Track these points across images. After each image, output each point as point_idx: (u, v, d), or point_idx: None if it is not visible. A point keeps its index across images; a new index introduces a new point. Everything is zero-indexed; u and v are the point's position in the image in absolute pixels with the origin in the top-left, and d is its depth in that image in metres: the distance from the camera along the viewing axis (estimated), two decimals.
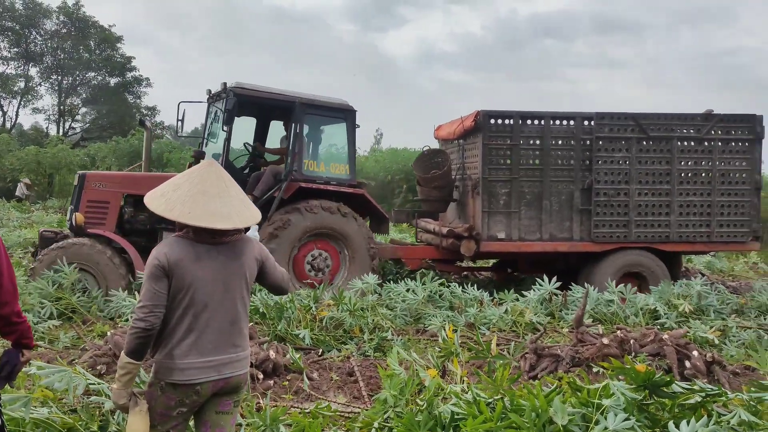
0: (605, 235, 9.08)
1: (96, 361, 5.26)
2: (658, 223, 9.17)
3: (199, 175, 2.84)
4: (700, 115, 9.28)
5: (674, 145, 9.16)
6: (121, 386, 2.73)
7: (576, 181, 9.07)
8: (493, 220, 8.99)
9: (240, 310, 2.86)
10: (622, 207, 9.10)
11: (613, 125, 9.10)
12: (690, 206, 9.22)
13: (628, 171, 9.11)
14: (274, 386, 5.11)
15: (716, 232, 9.25)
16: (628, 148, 9.11)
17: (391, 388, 4.00)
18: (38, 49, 36.99)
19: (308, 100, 8.92)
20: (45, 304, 7.00)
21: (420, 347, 6.48)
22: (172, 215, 2.72)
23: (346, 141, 9.23)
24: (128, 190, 8.51)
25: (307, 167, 8.87)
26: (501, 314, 7.30)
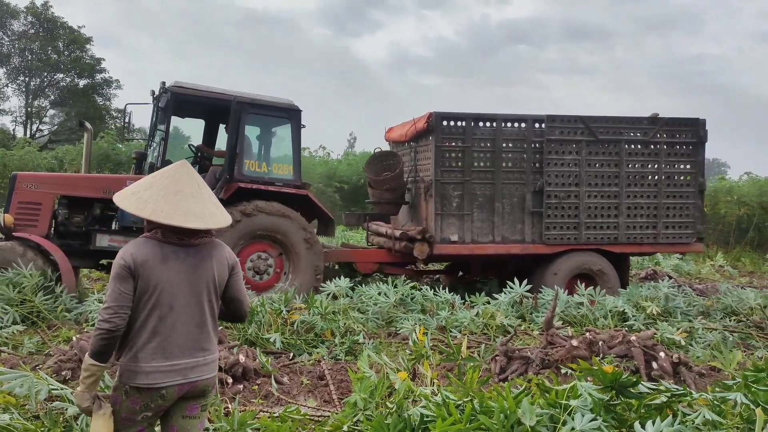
0: (556, 237, 9.16)
1: (61, 367, 5.15)
2: (607, 225, 9.30)
3: (171, 175, 2.80)
4: (647, 119, 9.45)
5: (622, 148, 9.30)
6: (85, 389, 2.67)
7: (527, 183, 9.12)
8: (446, 222, 8.96)
9: (207, 314, 2.82)
10: (573, 209, 9.20)
11: (564, 128, 9.18)
12: (637, 208, 9.37)
13: (578, 173, 9.20)
14: (244, 391, 5.06)
15: (662, 234, 9.43)
16: (578, 150, 9.20)
17: (362, 391, 3.98)
18: (5, 50, 36.30)
19: (248, 99, 8.71)
20: (8, 310, 6.84)
21: (391, 350, 6.47)
22: (144, 213, 2.68)
23: (290, 141, 9.04)
24: (62, 192, 8.32)
25: (248, 167, 8.66)
26: (472, 317, 7.33)
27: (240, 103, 8.56)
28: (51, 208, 8.20)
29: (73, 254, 8.07)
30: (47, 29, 36.22)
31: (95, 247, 8.23)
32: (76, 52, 37.11)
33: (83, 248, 8.28)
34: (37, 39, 35.97)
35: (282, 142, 9.39)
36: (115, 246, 8.22)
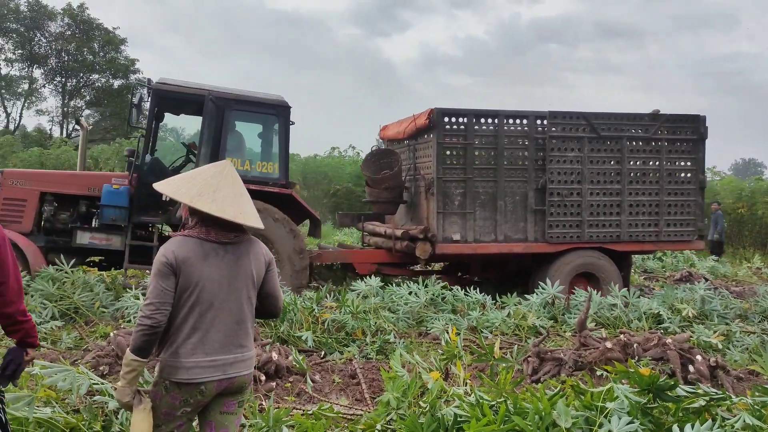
0: (559, 235, 9.05)
1: (99, 362, 5.26)
2: (609, 222, 9.20)
3: (213, 174, 2.85)
4: (648, 115, 9.35)
5: (624, 145, 9.21)
6: (126, 384, 2.72)
7: (530, 180, 9.01)
8: (448, 221, 8.81)
9: (246, 311, 2.85)
10: (575, 207, 9.09)
11: (566, 124, 9.08)
12: (639, 206, 9.28)
13: (581, 171, 9.10)
14: (277, 388, 5.11)
15: (664, 232, 9.33)
16: (580, 147, 9.10)
17: (394, 390, 3.99)
18: (43, 51, 37.06)
19: (232, 95, 8.49)
20: (47, 305, 7.00)
21: (422, 350, 6.47)
22: (195, 203, 2.71)
23: (277, 138, 8.75)
24: (47, 189, 8.36)
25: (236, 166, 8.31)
26: (503, 318, 7.30)
27: (220, 99, 8.36)
28: (36, 205, 8.24)
29: (58, 251, 8.09)
30: (83, 31, 36.88)
31: (76, 244, 8.22)
32: (111, 53, 37.72)
33: (67, 245, 8.27)
34: (73, 40, 36.65)
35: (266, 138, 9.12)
36: (95, 243, 8.19)
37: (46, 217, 8.38)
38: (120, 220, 8.13)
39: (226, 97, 8.44)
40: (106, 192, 8.14)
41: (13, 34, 35.85)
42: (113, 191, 8.15)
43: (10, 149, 25.75)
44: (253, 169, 8.61)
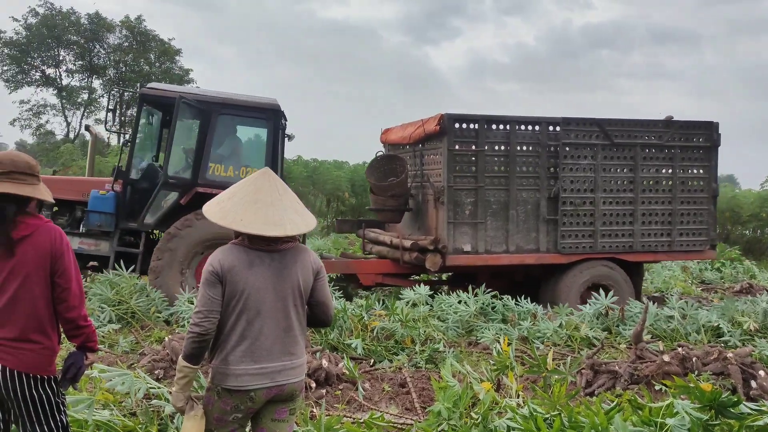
0: (572, 245, 8.82)
1: (154, 366, 5.36)
2: (622, 232, 8.96)
3: (253, 183, 2.87)
4: (661, 122, 9.10)
5: (637, 152, 8.97)
6: (179, 389, 2.78)
7: (542, 189, 8.78)
8: (459, 231, 8.54)
9: (293, 318, 2.86)
10: (588, 216, 8.87)
11: (579, 131, 8.86)
12: (652, 215, 9.04)
13: (594, 179, 8.87)
14: (327, 395, 5.12)
15: (677, 241, 9.08)
16: (593, 155, 8.88)
17: (445, 400, 3.96)
18: (101, 62, 38.29)
19: (210, 97, 8.25)
20: (105, 309, 7.19)
21: (472, 360, 6.41)
22: (225, 222, 2.76)
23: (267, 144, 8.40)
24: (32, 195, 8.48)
25: (213, 171, 8.13)
26: (555, 328, 7.17)
27: (204, 102, 8.16)
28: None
29: None
30: (140, 42, 37.96)
31: None
32: (166, 64, 38.71)
33: None
34: (130, 51, 37.77)
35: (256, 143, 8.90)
36: (84, 249, 8.10)
37: None
38: (106, 225, 8.05)
39: (211, 101, 8.23)
40: (93, 198, 8.08)
41: (74, 46, 37.14)
42: (100, 197, 8.10)
43: (71, 157, 26.64)
44: (236, 175, 8.20)
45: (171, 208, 8.06)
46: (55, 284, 2.79)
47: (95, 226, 8.11)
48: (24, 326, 2.75)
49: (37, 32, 35.62)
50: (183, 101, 7.97)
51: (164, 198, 8.08)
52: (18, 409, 2.77)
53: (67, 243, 2.86)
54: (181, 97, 7.97)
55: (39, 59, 36.97)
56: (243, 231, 2.75)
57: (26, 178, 2.82)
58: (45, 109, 38.71)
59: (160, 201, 8.07)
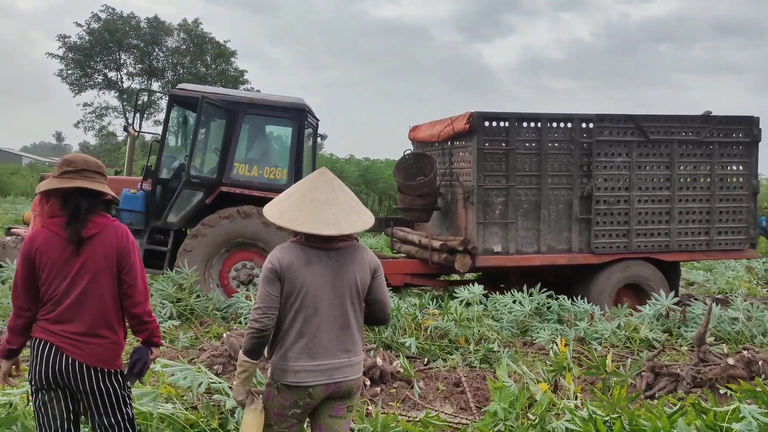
0: (605, 245, 8.56)
1: (213, 361, 5.49)
2: (658, 231, 8.67)
3: (310, 183, 2.91)
4: (699, 117, 8.77)
5: (674, 149, 8.67)
6: (240, 384, 2.84)
7: (575, 187, 8.52)
8: (489, 231, 8.34)
9: (351, 316, 2.88)
10: (623, 215, 8.60)
11: (613, 128, 8.58)
12: (689, 213, 8.77)
13: (629, 177, 8.60)
14: (381, 394, 5.14)
15: (715, 240, 8.78)
16: (628, 152, 8.60)
17: (501, 400, 3.93)
18: (160, 64, 39.36)
19: (237, 97, 8.37)
20: (166, 305, 7.39)
21: (528, 360, 6.33)
22: (282, 222, 2.80)
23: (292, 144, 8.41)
24: None
25: (237, 171, 8.23)
26: (613, 329, 7.02)
27: (232, 102, 8.27)
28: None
29: None
30: (197, 44, 38.89)
31: None
32: (222, 65, 39.57)
33: None
34: (188, 54, 38.71)
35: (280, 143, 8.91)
36: None
37: None
38: (136, 224, 8.19)
39: (237, 101, 8.34)
40: (124, 197, 8.25)
41: (134, 50, 38.30)
42: (130, 196, 8.28)
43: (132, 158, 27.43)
44: (260, 175, 8.33)
45: (196, 207, 8.18)
46: (121, 281, 2.89)
47: (126, 224, 8.33)
48: (92, 321, 2.85)
49: (100, 37, 36.85)
50: (206, 101, 8.04)
51: (187, 197, 8.20)
52: (87, 401, 2.88)
53: (133, 241, 2.95)
54: (204, 97, 8.02)
55: (101, 63, 38.25)
56: (298, 230, 2.79)
57: (96, 177, 2.94)
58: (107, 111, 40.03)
59: (182, 200, 8.19)
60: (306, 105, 8.57)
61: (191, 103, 8.32)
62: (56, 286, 2.83)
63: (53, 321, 2.84)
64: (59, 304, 2.83)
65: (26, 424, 3.60)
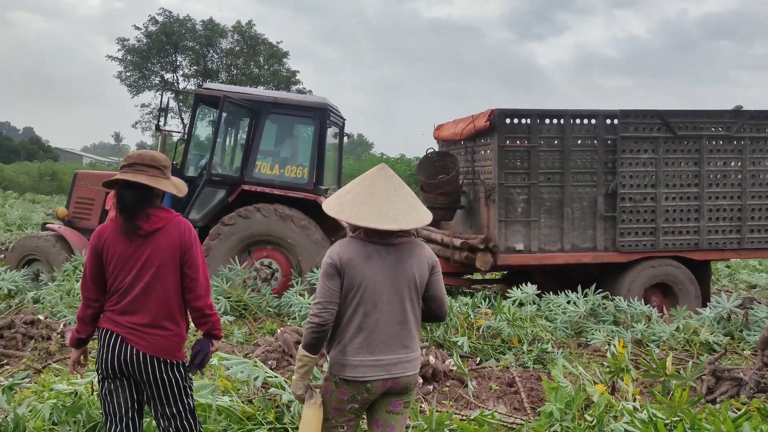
0: (631, 243, 8.38)
1: (267, 357, 5.56)
2: (687, 229, 8.45)
3: (370, 178, 2.92)
4: (730, 112, 8.49)
5: (703, 145, 8.44)
6: (299, 378, 2.88)
7: (599, 185, 8.36)
8: (511, 229, 8.26)
9: (409, 312, 2.89)
10: (649, 213, 8.41)
11: (639, 124, 8.36)
12: (720, 210, 8.51)
13: (655, 173, 8.38)
14: (434, 392, 5.13)
15: (747, 238, 8.50)
16: (654, 148, 8.38)
17: (557, 401, 3.87)
18: (215, 66, 40.10)
19: (261, 97, 8.47)
20: (221, 300, 7.53)
21: (583, 361, 6.22)
22: (342, 216, 2.83)
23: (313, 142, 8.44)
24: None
25: (259, 169, 8.32)
26: (672, 331, 6.85)
27: (256, 102, 8.39)
28: (102, 204, 8.80)
29: None
30: (250, 46, 39.46)
31: None
32: (275, 66, 40.04)
33: None
34: (241, 55, 39.33)
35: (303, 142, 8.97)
36: None
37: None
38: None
39: (260, 100, 8.45)
40: None
41: (189, 52, 39.12)
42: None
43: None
44: (282, 173, 8.42)
45: (219, 205, 8.30)
46: (184, 274, 2.96)
47: None
48: (156, 314, 2.93)
49: (157, 39, 37.75)
50: (227, 100, 8.16)
51: (209, 195, 8.33)
52: (150, 391, 2.96)
53: (195, 236, 3.02)
54: (225, 97, 8.14)
55: (158, 65, 39.16)
56: (359, 224, 2.80)
57: (148, 170, 2.97)
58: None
59: (204, 197, 8.32)
60: (329, 104, 8.66)
61: (216, 102, 8.45)
62: (122, 279, 2.92)
63: (119, 312, 2.93)
64: (125, 296, 2.92)
65: (91, 413, 3.72)
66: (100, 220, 8.87)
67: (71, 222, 8.88)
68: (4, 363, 5.72)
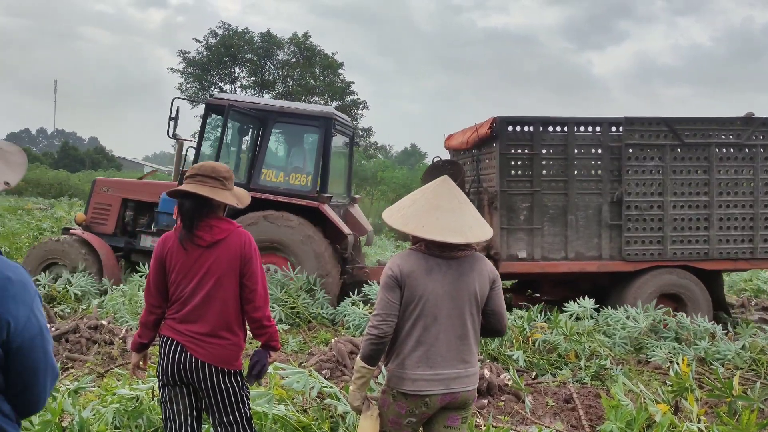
0: (638, 252, 8.17)
1: (321, 366, 5.59)
2: (696, 238, 8.21)
3: (434, 190, 2.90)
4: (740, 119, 8.22)
5: (712, 152, 8.22)
6: (356, 389, 2.86)
7: (604, 193, 8.20)
8: (513, 237, 8.17)
9: (469, 326, 2.85)
10: (656, 221, 8.22)
11: (644, 131, 8.16)
12: (731, 219, 8.27)
13: (662, 181, 8.16)
14: (488, 406, 5.07)
15: (760, 248, 8.19)
16: (661, 156, 8.19)
17: (617, 420, 3.77)
18: (271, 77, 40.81)
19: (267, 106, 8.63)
20: (275, 308, 7.62)
21: (643, 379, 6.04)
22: (407, 229, 2.80)
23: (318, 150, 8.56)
24: (126, 195, 9.07)
25: (265, 177, 8.49)
26: (738, 350, 6.58)
27: (262, 111, 8.53)
28: (118, 210, 9.06)
29: (134, 252, 8.95)
30: (306, 57, 40.03)
31: (140, 246, 8.96)
32: (330, 77, 40.47)
33: (133, 247, 9.06)
34: (297, 66, 39.93)
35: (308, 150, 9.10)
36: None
37: (126, 221, 9.24)
38: (172, 225, 8.47)
39: (266, 109, 8.60)
40: (162, 200, 8.73)
41: (247, 63, 39.93)
42: (167, 199, 8.58)
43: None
44: (286, 181, 8.57)
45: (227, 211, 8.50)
46: (243, 286, 3.00)
47: (163, 226, 8.81)
48: (215, 323, 2.98)
49: (216, 51, 38.67)
50: (233, 109, 8.30)
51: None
52: (208, 399, 3.00)
53: (255, 248, 3.06)
54: (230, 105, 8.28)
55: (217, 76, 40.09)
56: (425, 237, 2.77)
57: (208, 181, 3.02)
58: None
59: None
60: (334, 113, 8.79)
61: (221, 110, 8.61)
62: (183, 287, 2.98)
63: (180, 320, 2.99)
64: (185, 305, 2.98)
65: (151, 418, 3.80)
66: (116, 225, 9.20)
67: (89, 227, 9.18)
68: (69, 366, 5.91)
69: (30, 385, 1.82)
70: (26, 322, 1.76)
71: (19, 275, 1.78)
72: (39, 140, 79.49)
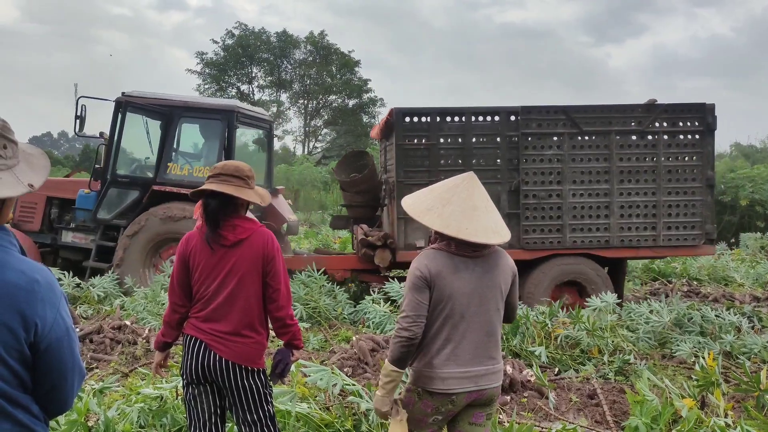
0: (536, 241, 8.18)
1: (343, 364, 5.60)
2: (596, 226, 8.17)
3: (466, 189, 2.85)
4: (641, 106, 8.18)
5: (612, 140, 8.13)
6: (385, 393, 2.81)
7: (503, 182, 8.15)
8: (411, 227, 8.09)
9: (495, 322, 2.84)
10: (555, 210, 8.17)
11: (542, 120, 8.11)
12: (632, 207, 8.23)
13: (561, 170, 8.10)
14: (511, 402, 5.04)
15: (663, 236, 8.16)
16: (559, 144, 8.13)
17: (643, 415, 3.73)
18: (288, 76, 40.96)
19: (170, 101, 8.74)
20: (296, 307, 7.64)
21: (668, 374, 5.98)
22: (450, 231, 2.74)
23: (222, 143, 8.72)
24: (49, 193, 9.13)
25: (170, 170, 8.67)
26: (765, 343, 6.48)
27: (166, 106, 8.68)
28: (43, 208, 9.16)
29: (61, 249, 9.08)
30: (322, 56, 40.12)
31: (61, 242, 9.08)
32: (347, 75, 40.54)
33: (53, 243, 9.17)
34: (314, 65, 40.02)
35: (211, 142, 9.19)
36: (76, 242, 8.98)
37: (52, 218, 9.34)
38: (89, 221, 8.82)
39: (172, 105, 8.77)
40: (79, 197, 8.93)
41: (264, 63, 40.11)
42: (84, 196, 8.95)
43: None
44: (191, 174, 8.77)
45: (133, 205, 8.71)
46: (266, 285, 3.01)
47: (80, 222, 9.04)
48: (238, 322, 2.99)
49: (233, 52, 38.87)
50: (130, 105, 8.65)
51: (117, 195, 8.80)
52: (232, 397, 3.02)
53: (278, 247, 3.06)
54: (128, 102, 8.64)
55: (234, 77, 40.32)
56: (469, 239, 2.72)
57: (232, 180, 3.03)
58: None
59: (111, 198, 8.78)
60: (238, 107, 8.95)
61: (136, 108, 8.88)
62: (207, 286, 2.99)
63: (203, 319, 3.00)
64: (209, 304, 2.99)
65: (176, 417, 3.83)
66: (42, 222, 9.32)
67: (17, 225, 9.28)
68: (94, 366, 5.97)
69: (58, 385, 1.84)
70: (53, 324, 1.78)
71: (46, 277, 1.80)
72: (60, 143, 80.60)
